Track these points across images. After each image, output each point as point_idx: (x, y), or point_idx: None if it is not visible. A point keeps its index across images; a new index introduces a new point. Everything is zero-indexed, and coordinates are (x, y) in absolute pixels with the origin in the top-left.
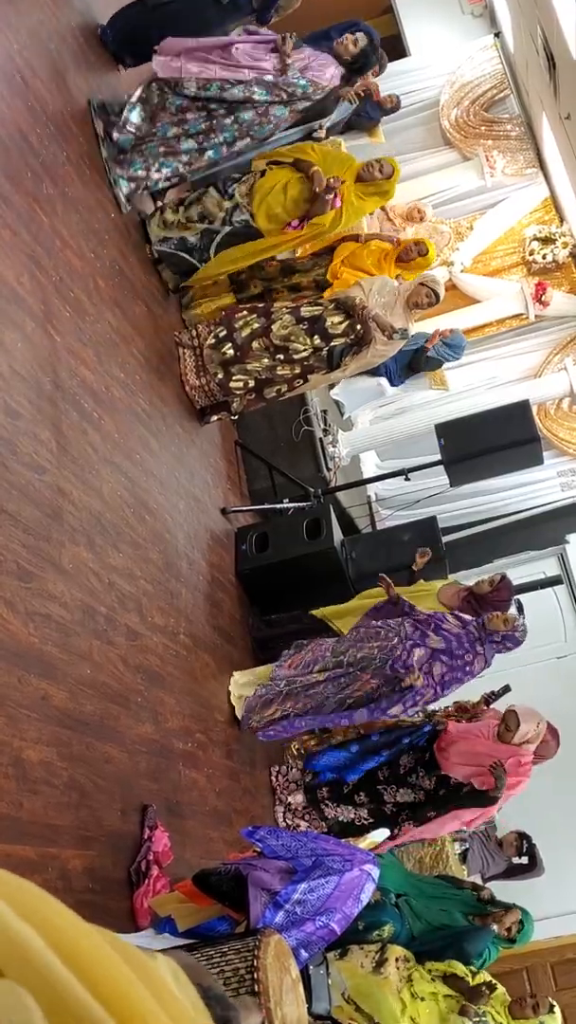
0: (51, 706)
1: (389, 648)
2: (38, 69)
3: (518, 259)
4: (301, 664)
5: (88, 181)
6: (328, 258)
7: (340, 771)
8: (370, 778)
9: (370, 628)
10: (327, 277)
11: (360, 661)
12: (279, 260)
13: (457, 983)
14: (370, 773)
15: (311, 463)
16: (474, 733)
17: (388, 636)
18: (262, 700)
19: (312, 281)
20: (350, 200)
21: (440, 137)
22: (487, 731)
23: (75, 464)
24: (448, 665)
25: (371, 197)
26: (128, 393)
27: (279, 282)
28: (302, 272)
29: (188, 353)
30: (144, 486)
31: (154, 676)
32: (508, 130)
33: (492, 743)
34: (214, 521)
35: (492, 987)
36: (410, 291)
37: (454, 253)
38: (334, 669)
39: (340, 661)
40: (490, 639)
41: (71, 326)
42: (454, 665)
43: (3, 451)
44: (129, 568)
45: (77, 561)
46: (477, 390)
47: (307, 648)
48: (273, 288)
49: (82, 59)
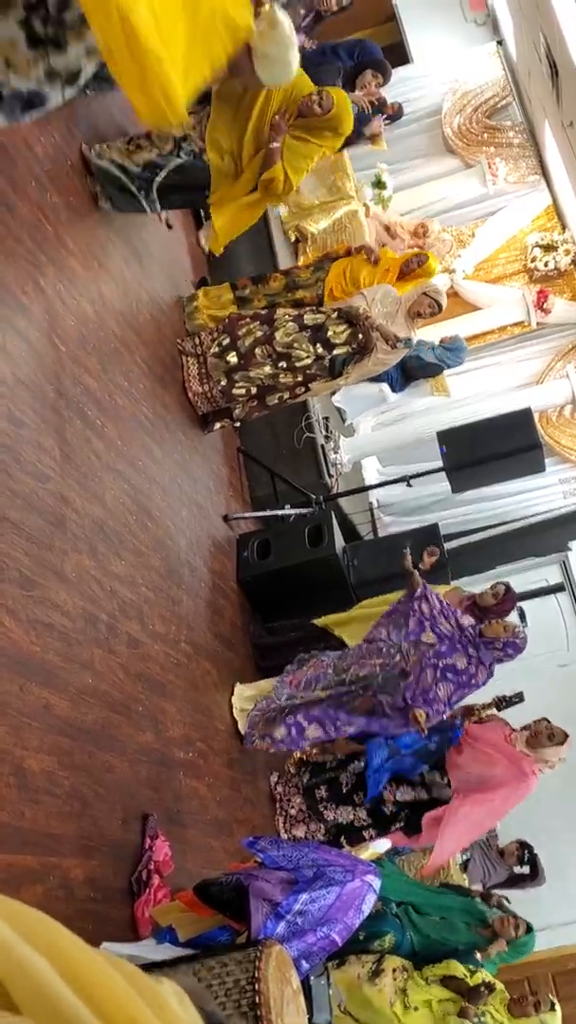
0: (53, 715)
1: (392, 666)
2: None
3: (520, 266)
4: (303, 682)
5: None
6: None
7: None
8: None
9: (373, 644)
10: (324, 294)
11: (362, 679)
12: (282, 274)
13: (456, 984)
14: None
15: (313, 469)
16: (488, 734)
17: (390, 653)
18: (265, 717)
19: (315, 296)
20: (288, 145)
21: (442, 145)
22: (501, 734)
23: (78, 472)
24: (454, 683)
25: (319, 136)
26: (131, 401)
27: (283, 297)
28: (305, 288)
29: (191, 361)
30: (147, 493)
31: (155, 684)
32: (510, 137)
33: (506, 744)
34: (216, 528)
35: (491, 987)
36: (412, 300)
37: (456, 260)
38: (336, 687)
39: (342, 679)
40: (490, 647)
41: (75, 334)
42: (459, 682)
43: (7, 459)
44: (131, 575)
45: (79, 569)
46: (479, 397)
47: (309, 664)
48: (277, 303)
49: None
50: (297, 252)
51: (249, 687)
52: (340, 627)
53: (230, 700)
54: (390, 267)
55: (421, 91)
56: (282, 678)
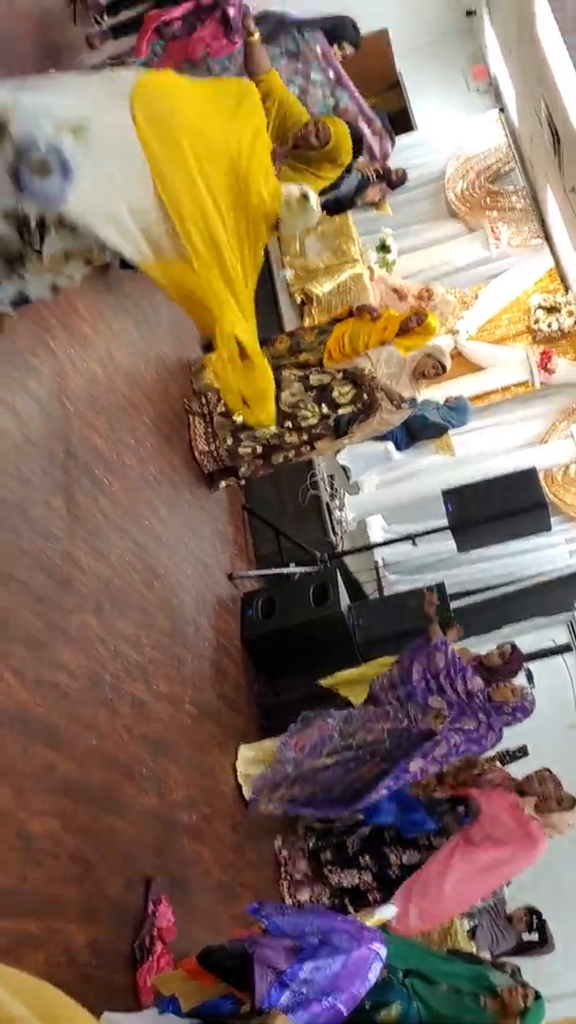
0: (57, 776)
1: (399, 731)
2: None
3: (523, 327)
4: (308, 745)
5: None
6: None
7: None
8: (376, 839)
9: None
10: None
11: (370, 744)
12: (287, 336)
13: None
14: (376, 834)
15: (318, 527)
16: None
17: (398, 717)
18: (269, 783)
19: (318, 359)
20: (284, 175)
21: (446, 209)
22: (508, 803)
23: (85, 531)
24: (464, 737)
25: (317, 167)
26: (139, 460)
27: (287, 359)
28: (309, 351)
29: (198, 420)
30: (152, 552)
31: (159, 746)
32: (513, 202)
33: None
34: (221, 586)
35: None
36: (417, 362)
37: (460, 321)
38: (342, 752)
39: (348, 744)
40: (500, 712)
41: (84, 394)
42: (469, 737)
43: (16, 519)
44: (136, 635)
45: (85, 628)
46: (484, 456)
47: (314, 725)
48: (281, 365)
49: None
50: (303, 314)
51: (253, 748)
52: (345, 687)
53: (234, 764)
54: (388, 325)
55: (425, 157)
56: (286, 739)
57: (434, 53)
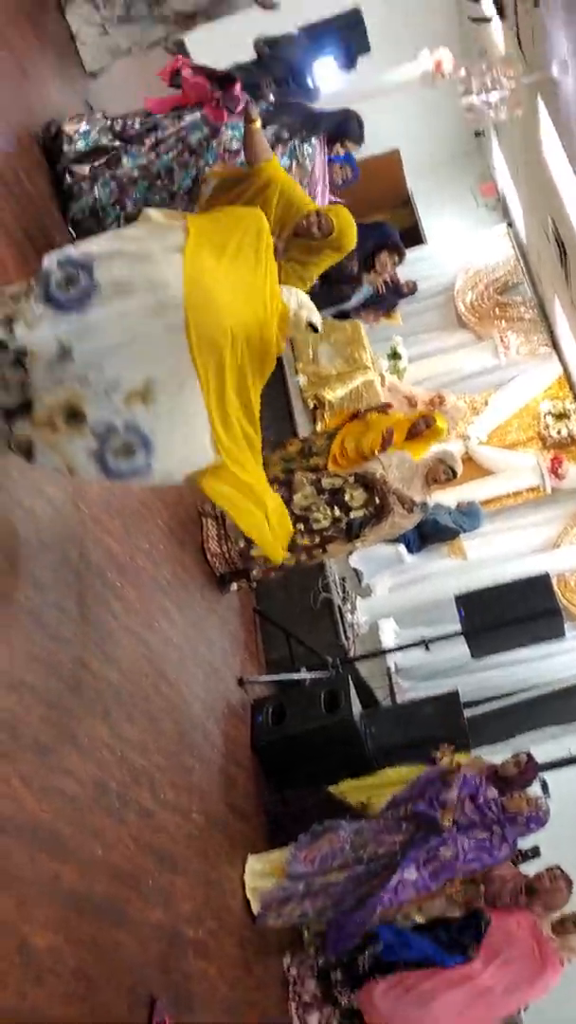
0: (62, 888)
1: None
2: None
3: (533, 433)
4: (318, 858)
5: None
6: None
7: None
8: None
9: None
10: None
11: (381, 857)
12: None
13: None
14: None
15: (330, 631)
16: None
17: (410, 829)
18: (279, 898)
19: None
20: (285, 269)
21: (455, 319)
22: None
23: (96, 634)
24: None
25: (318, 256)
26: (151, 562)
27: (298, 463)
28: (319, 455)
29: (210, 522)
30: (162, 655)
31: (166, 857)
32: (521, 313)
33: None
34: (231, 691)
35: None
36: (428, 467)
37: (470, 427)
38: (353, 866)
39: (360, 856)
40: (513, 823)
41: (99, 498)
42: (480, 846)
43: (29, 623)
44: (144, 741)
45: (93, 734)
46: (496, 560)
47: (324, 837)
48: (293, 468)
49: None
50: (315, 419)
51: (261, 859)
52: (356, 797)
53: (242, 876)
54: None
55: (435, 269)
56: (295, 852)
57: (444, 171)
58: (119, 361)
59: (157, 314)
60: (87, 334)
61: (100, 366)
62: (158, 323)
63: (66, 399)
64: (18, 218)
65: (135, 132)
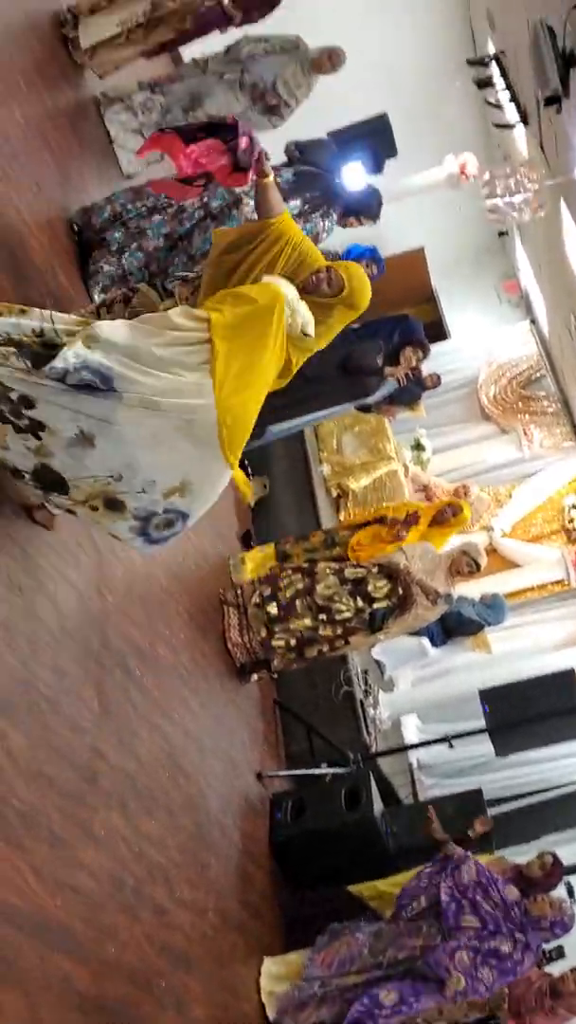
0: (72, 989)
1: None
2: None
3: (558, 526)
4: (336, 962)
5: None
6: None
7: None
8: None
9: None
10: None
11: (400, 963)
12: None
13: None
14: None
15: (351, 725)
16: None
17: (431, 932)
18: (295, 1002)
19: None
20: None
21: (478, 411)
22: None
23: (115, 724)
24: (498, 969)
25: (328, 313)
26: (172, 651)
27: (321, 553)
28: (342, 545)
29: (232, 611)
30: (181, 747)
31: (179, 957)
32: (544, 406)
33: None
34: (249, 785)
35: None
36: (452, 558)
37: (494, 519)
38: (371, 970)
39: (379, 962)
40: (536, 927)
41: (122, 585)
42: (503, 968)
43: (47, 711)
44: (160, 836)
45: (108, 827)
46: (520, 654)
47: (342, 939)
48: (315, 559)
49: None
50: (339, 508)
51: (278, 962)
52: (376, 899)
53: (257, 979)
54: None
55: (458, 363)
56: (312, 955)
57: (468, 270)
58: (151, 464)
59: (188, 433)
60: (111, 432)
61: (132, 468)
62: (189, 439)
63: (102, 490)
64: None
65: (161, 203)
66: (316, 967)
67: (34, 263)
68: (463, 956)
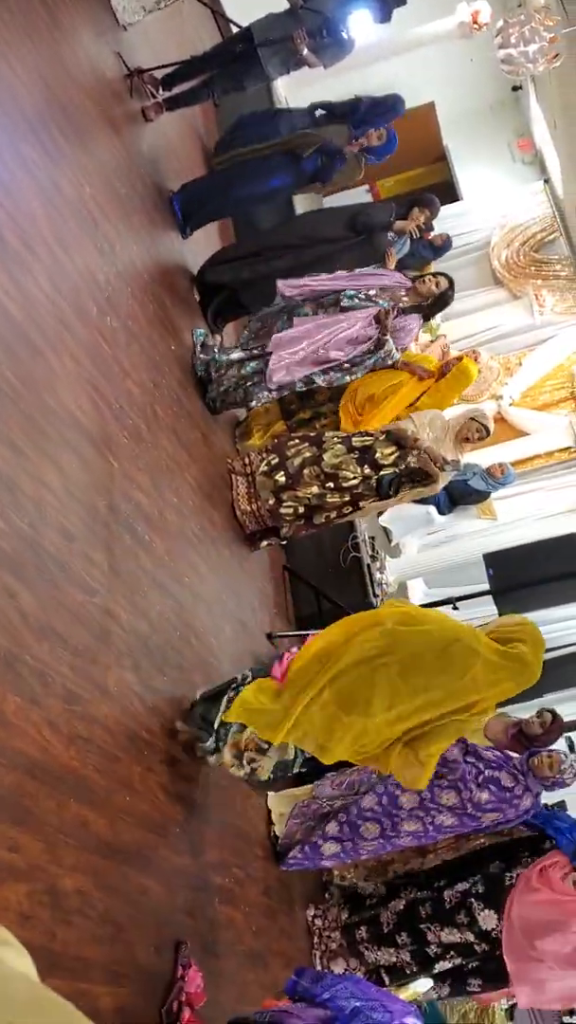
0: (90, 833)
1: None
2: (108, 211)
3: (567, 393)
4: (346, 783)
5: (151, 317)
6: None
7: None
8: (411, 914)
9: None
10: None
11: None
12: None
13: None
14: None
15: (359, 589)
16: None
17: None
18: (303, 826)
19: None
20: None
21: (490, 276)
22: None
23: (125, 586)
24: (496, 797)
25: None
26: (180, 517)
27: (327, 407)
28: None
29: (240, 480)
30: (191, 609)
31: (194, 806)
32: (557, 270)
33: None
34: (259, 646)
35: None
36: (460, 425)
37: (503, 387)
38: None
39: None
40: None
41: (128, 452)
42: (501, 797)
43: (56, 572)
44: (173, 692)
45: (122, 684)
46: (526, 521)
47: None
48: (321, 413)
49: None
50: None
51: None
52: None
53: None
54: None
55: (470, 226)
56: (322, 781)
57: (480, 126)
58: None
59: None
60: None
61: None
62: None
63: None
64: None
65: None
66: (327, 787)
67: None
68: (468, 769)
